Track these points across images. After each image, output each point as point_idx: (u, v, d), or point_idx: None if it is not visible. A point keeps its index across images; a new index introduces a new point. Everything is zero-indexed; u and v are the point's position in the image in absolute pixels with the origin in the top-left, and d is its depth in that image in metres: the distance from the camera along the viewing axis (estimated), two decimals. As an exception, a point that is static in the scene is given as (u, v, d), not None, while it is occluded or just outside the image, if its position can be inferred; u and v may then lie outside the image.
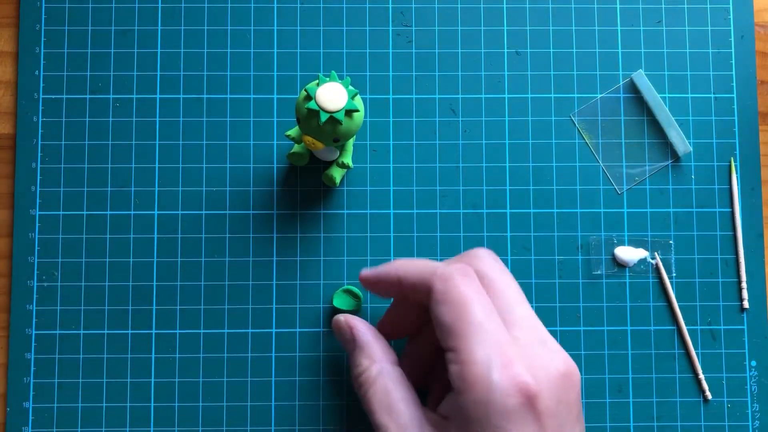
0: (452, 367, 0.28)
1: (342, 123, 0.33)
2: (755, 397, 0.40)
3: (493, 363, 0.27)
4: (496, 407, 0.26)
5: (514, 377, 0.27)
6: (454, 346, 0.28)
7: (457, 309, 0.28)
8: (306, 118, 0.34)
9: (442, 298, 0.29)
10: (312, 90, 0.33)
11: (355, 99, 0.34)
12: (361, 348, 0.33)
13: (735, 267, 0.41)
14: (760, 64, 0.42)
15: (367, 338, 0.33)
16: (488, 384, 0.26)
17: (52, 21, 0.41)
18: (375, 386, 0.31)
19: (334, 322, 0.35)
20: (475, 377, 0.27)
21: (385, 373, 0.31)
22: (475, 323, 0.28)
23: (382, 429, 0.30)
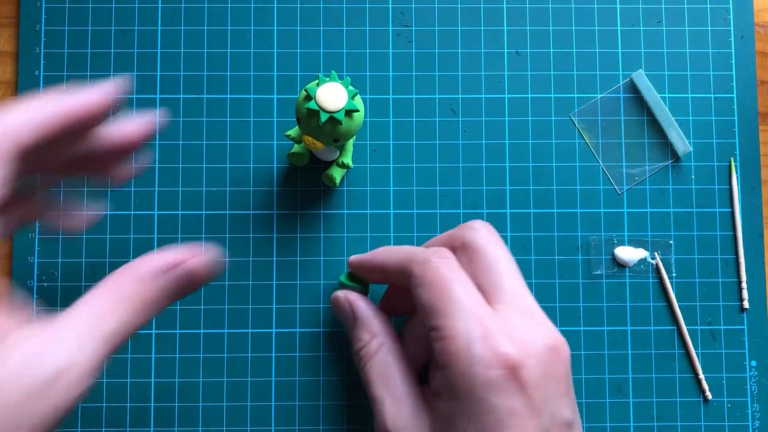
0: (435, 344, 0.28)
1: (342, 123, 0.33)
2: (755, 397, 0.40)
3: (473, 336, 0.27)
4: (479, 379, 0.26)
5: (494, 348, 0.27)
6: (436, 325, 0.28)
7: (435, 290, 0.29)
8: (306, 118, 0.34)
9: (421, 281, 0.30)
10: (312, 90, 0.33)
11: (355, 99, 0.34)
12: (362, 323, 0.34)
13: (735, 267, 0.41)
14: (760, 64, 0.42)
15: (368, 313, 0.34)
16: (469, 357, 0.27)
17: (52, 21, 0.41)
18: (374, 360, 0.32)
19: (333, 298, 0.36)
20: (456, 350, 0.27)
21: (385, 348, 0.32)
22: (454, 300, 0.28)
23: (378, 401, 0.30)
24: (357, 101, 0.34)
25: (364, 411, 0.39)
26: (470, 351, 0.27)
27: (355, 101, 0.34)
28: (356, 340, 0.33)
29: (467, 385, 0.27)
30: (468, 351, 0.27)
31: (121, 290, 0.24)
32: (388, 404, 0.30)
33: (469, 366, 0.27)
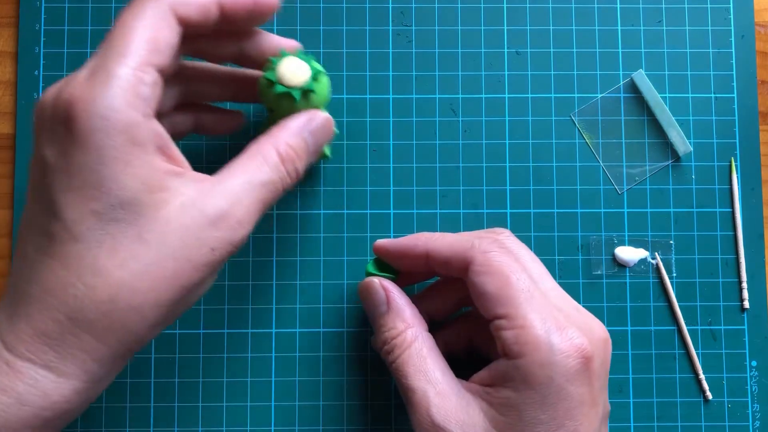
0: (505, 333, 0.28)
1: (297, 100, 0.32)
2: (756, 398, 0.40)
3: (549, 326, 0.28)
4: (559, 368, 0.27)
5: (571, 339, 0.28)
6: (504, 313, 0.28)
7: (501, 278, 0.29)
8: (265, 90, 0.33)
9: (485, 269, 0.29)
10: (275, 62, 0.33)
11: (319, 78, 0.33)
12: (396, 311, 0.32)
13: (735, 267, 0.41)
14: (760, 63, 0.42)
15: (402, 302, 0.33)
16: (549, 346, 0.27)
17: (52, 21, 0.41)
18: (410, 350, 0.31)
19: (366, 283, 0.34)
20: (536, 340, 0.27)
21: (421, 339, 0.31)
22: (523, 290, 0.29)
23: (419, 393, 0.29)
24: (320, 81, 0.33)
25: (364, 411, 0.39)
26: (549, 340, 0.27)
27: (317, 81, 0.33)
28: (388, 328, 0.32)
29: (546, 373, 0.27)
30: (547, 340, 0.27)
31: (268, 154, 0.28)
32: (432, 396, 0.29)
33: (549, 354, 0.27)
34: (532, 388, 0.27)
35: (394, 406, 0.39)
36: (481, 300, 0.29)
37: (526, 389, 0.27)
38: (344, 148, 0.41)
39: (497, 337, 0.29)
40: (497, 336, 0.29)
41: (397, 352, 0.31)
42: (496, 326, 0.29)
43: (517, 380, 0.27)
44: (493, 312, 0.29)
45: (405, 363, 0.30)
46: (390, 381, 0.40)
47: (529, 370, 0.27)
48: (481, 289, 0.29)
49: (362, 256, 0.40)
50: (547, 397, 0.27)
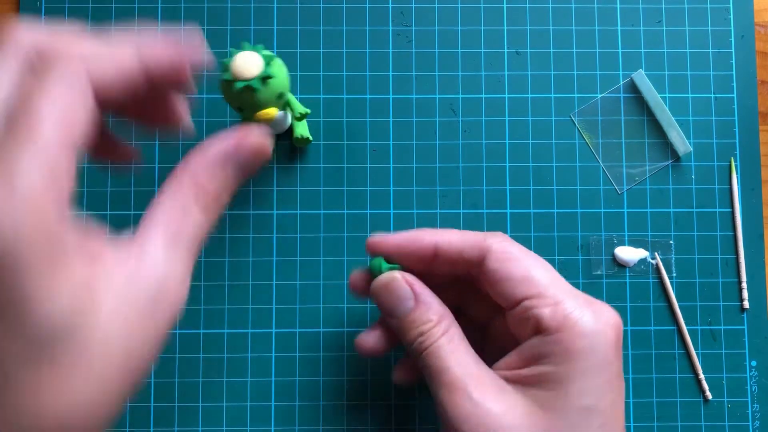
0: (541, 310, 0.28)
1: (258, 90, 0.33)
2: (755, 398, 0.40)
3: (581, 302, 0.29)
4: (600, 338, 0.28)
5: (603, 312, 0.29)
6: (536, 293, 0.29)
7: (524, 262, 0.30)
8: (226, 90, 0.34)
9: (506, 255, 0.30)
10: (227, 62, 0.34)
11: (272, 64, 0.34)
12: (426, 303, 0.31)
13: (735, 267, 0.41)
14: (760, 64, 0.42)
15: (430, 293, 0.31)
16: (589, 317, 0.28)
17: (52, 21, 0.41)
18: (444, 338, 0.30)
19: (387, 279, 0.32)
20: (573, 313, 0.28)
21: (453, 327, 0.31)
22: (548, 270, 0.30)
23: (457, 378, 0.29)
24: (274, 65, 0.34)
25: (364, 411, 0.39)
26: (587, 313, 0.28)
27: (271, 66, 0.34)
28: (421, 322, 0.30)
29: (588, 343, 0.27)
30: (585, 312, 0.28)
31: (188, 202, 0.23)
32: (471, 380, 0.28)
33: (590, 325, 0.28)
34: (575, 359, 0.27)
35: (395, 406, 0.39)
36: (506, 284, 0.30)
37: (569, 361, 0.27)
38: (344, 148, 0.41)
39: (528, 317, 0.29)
40: (529, 316, 0.29)
41: (430, 341, 0.30)
42: (527, 306, 0.29)
43: (558, 354, 0.28)
44: (522, 294, 0.29)
45: (440, 350, 0.29)
46: (390, 381, 0.40)
47: (571, 341, 0.28)
48: (506, 274, 0.30)
49: (362, 256, 0.40)
50: (590, 367, 0.27)
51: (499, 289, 0.30)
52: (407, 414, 0.40)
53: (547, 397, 0.27)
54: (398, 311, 0.31)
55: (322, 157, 0.41)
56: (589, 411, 0.27)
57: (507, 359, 0.30)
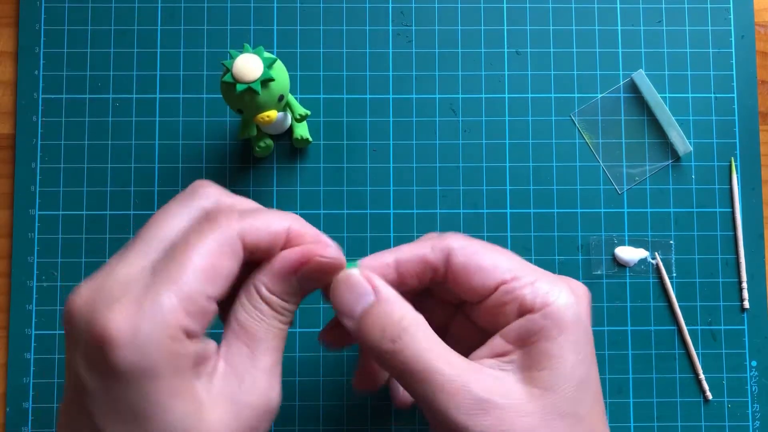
0: (522, 291, 0.28)
1: (259, 93, 0.34)
2: (755, 398, 0.40)
3: (552, 278, 0.29)
4: (581, 308, 0.28)
5: (575, 286, 0.29)
6: (512, 277, 0.29)
7: (489, 253, 0.30)
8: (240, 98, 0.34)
9: (469, 249, 0.30)
10: (229, 64, 0.34)
11: (273, 67, 0.34)
12: (387, 298, 0.28)
13: (735, 267, 0.41)
14: (760, 63, 0.42)
15: (392, 291, 0.29)
16: (568, 292, 0.28)
17: (52, 21, 0.41)
18: (419, 331, 0.27)
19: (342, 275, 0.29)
20: (553, 288, 0.28)
21: (423, 324, 0.28)
22: (513, 256, 0.30)
23: (447, 373, 0.26)
24: (275, 67, 0.34)
25: (364, 411, 0.39)
26: (561, 288, 0.28)
27: (272, 69, 0.34)
28: (385, 314, 0.28)
29: (574, 313, 0.28)
30: (560, 288, 0.28)
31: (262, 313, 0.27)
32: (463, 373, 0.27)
33: (571, 297, 0.28)
34: (566, 331, 0.27)
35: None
36: (477, 276, 0.29)
37: (561, 333, 0.27)
38: (344, 148, 0.41)
39: (508, 300, 0.29)
40: (509, 299, 0.29)
41: (405, 339, 0.27)
42: (505, 291, 0.29)
43: (549, 328, 0.27)
44: (496, 280, 0.29)
45: (418, 346, 0.27)
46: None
47: (559, 314, 0.28)
48: (475, 265, 0.29)
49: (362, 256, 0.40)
50: (579, 336, 0.28)
51: (471, 282, 0.29)
52: (407, 414, 0.39)
53: (543, 375, 0.27)
54: (357, 310, 0.28)
55: (322, 157, 0.41)
56: (582, 382, 0.27)
57: (491, 345, 0.29)
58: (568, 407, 0.27)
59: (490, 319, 0.30)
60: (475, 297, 0.30)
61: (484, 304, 0.30)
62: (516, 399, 0.26)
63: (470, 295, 0.30)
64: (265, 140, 0.39)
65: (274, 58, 0.35)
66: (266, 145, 0.39)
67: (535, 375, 0.27)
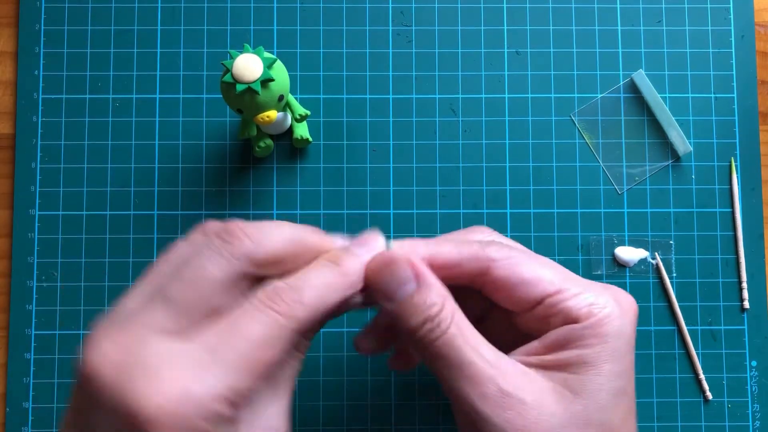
0: (567, 303, 0.28)
1: (259, 93, 0.34)
2: (756, 398, 0.40)
3: (597, 289, 0.29)
4: (626, 320, 0.28)
5: (620, 295, 0.29)
6: (556, 290, 0.28)
7: (531, 264, 0.29)
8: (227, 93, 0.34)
9: (511, 261, 0.29)
10: (229, 64, 0.34)
11: (273, 67, 0.34)
12: (429, 285, 0.28)
13: (735, 267, 0.41)
14: (760, 63, 0.42)
15: (432, 277, 0.28)
16: (613, 304, 0.28)
17: (52, 21, 0.41)
18: (456, 323, 0.27)
19: (386, 257, 0.29)
20: (598, 299, 0.28)
21: (459, 314, 0.28)
22: (554, 266, 0.30)
23: (479, 365, 0.27)
24: (275, 68, 0.35)
25: (364, 411, 0.39)
26: (607, 299, 0.28)
27: (272, 69, 0.34)
28: (427, 305, 0.27)
29: (617, 325, 0.28)
30: (606, 299, 0.28)
31: None
32: (494, 366, 0.27)
33: (616, 308, 0.28)
34: (606, 341, 0.27)
35: (394, 406, 0.39)
36: (520, 289, 0.29)
37: (601, 343, 0.27)
38: (344, 148, 0.41)
39: (553, 313, 0.28)
40: (554, 312, 0.28)
41: (443, 327, 0.27)
42: (551, 304, 0.28)
43: (588, 338, 0.27)
44: (540, 294, 0.29)
45: (454, 337, 0.27)
46: (390, 381, 0.40)
47: (602, 325, 0.27)
48: (518, 279, 0.29)
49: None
50: (620, 348, 0.27)
51: (514, 295, 0.29)
52: (407, 414, 0.39)
53: (577, 380, 0.27)
54: (398, 295, 0.28)
55: (322, 157, 0.41)
56: (619, 393, 0.27)
57: (527, 347, 0.29)
58: (599, 416, 0.26)
59: (535, 328, 0.29)
60: (517, 308, 0.30)
61: (529, 314, 0.29)
62: (542, 398, 0.26)
63: (512, 306, 0.30)
64: (265, 140, 0.39)
65: (274, 58, 0.35)
66: (266, 145, 0.39)
67: (568, 378, 0.27)
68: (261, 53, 0.34)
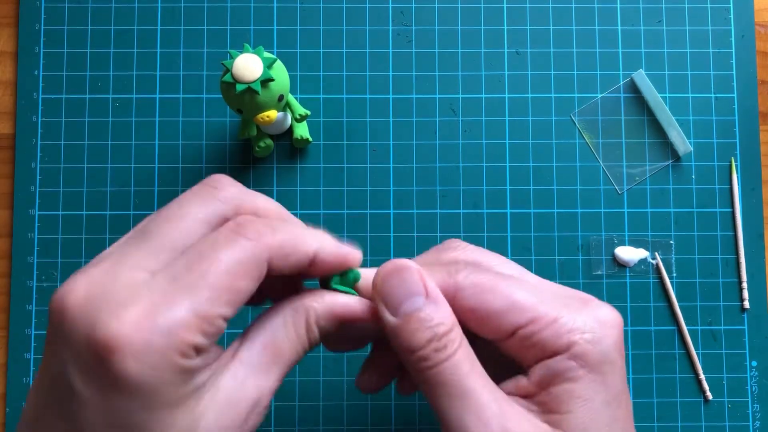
0: (542, 333, 0.26)
1: (259, 93, 0.34)
2: (756, 398, 0.40)
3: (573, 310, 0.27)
4: (608, 341, 0.26)
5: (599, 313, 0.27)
6: (529, 319, 0.26)
7: (501, 291, 0.27)
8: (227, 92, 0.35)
9: (478, 289, 0.27)
10: (229, 64, 0.34)
11: (273, 67, 0.34)
12: (439, 302, 0.27)
13: (735, 267, 0.41)
14: (760, 63, 0.42)
15: (443, 298, 0.27)
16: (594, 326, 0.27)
17: (52, 21, 0.41)
18: (463, 349, 0.26)
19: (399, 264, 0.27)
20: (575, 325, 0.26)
21: (466, 343, 0.27)
22: (527, 291, 0.27)
23: (485, 397, 0.25)
24: (275, 68, 0.35)
25: (364, 411, 0.39)
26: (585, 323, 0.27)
27: (272, 69, 0.34)
28: (436, 322, 0.26)
29: (600, 350, 0.26)
30: (584, 323, 0.27)
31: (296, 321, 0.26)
32: (499, 401, 0.26)
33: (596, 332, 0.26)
34: (593, 371, 0.26)
35: (394, 406, 0.39)
36: (490, 321, 0.27)
37: (588, 374, 0.26)
38: (344, 148, 0.41)
39: (530, 345, 0.27)
40: (530, 344, 0.27)
41: (449, 351, 0.26)
42: (525, 334, 0.27)
43: (574, 369, 0.26)
44: (512, 325, 0.27)
45: (460, 363, 0.26)
46: (390, 381, 0.40)
47: (585, 354, 0.26)
48: (485, 311, 0.27)
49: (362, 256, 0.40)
50: (607, 374, 0.26)
51: (484, 327, 0.27)
52: (408, 414, 0.39)
53: (570, 420, 0.26)
54: (405, 307, 0.26)
55: (322, 157, 0.41)
56: (612, 420, 0.26)
57: (516, 383, 0.28)
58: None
59: (514, 354, 0.28)
60: (491, 338, 0.28)
61: (504, 344, 0.28)
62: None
63: (487, 335, 0.28)
64: (265, 140, 0.39)
65: (274, 58, 0.35)
66: (266, 145, 0.39)
67: (562, 419, 0.26)
68: (261, 53, 0.34)
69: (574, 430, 0.26)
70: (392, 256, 0.40)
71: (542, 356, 0.27)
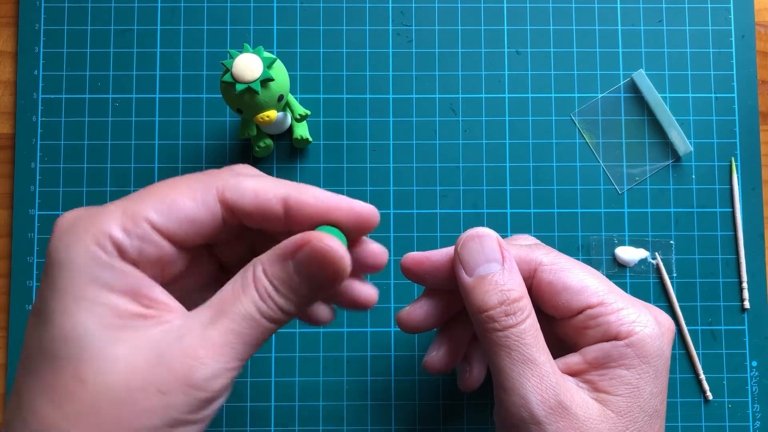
0: (608, 317, 0.28)
1: (259, 93, 0.34)
2: (756, 398, 0.40)
3: (639, 306, 0.29)
4: (665, 340, 0.29)
5: (660, 315, 0.30)
6: (598, 301, 0.29)
7: (576, 273, 0.29)
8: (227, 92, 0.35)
9: (557, 267, 0.29)
10: (229, 64, 0.34)
11: (273, 66, 0.34)
12: (514, 272, 0.28)
13: (736, 267, 0.41)
14: (760, 63, 0.42)
15: (516, 267, 0.29)
16: (654, 324, 0.28)
17: (52, 21, 0.41)
18: (531, 319, 0.28)
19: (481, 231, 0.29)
20: (640, 317, 0.28)
21: (534, 316, 0.28)
22: (600, 277, 0.30)
23: (545, 367, 0.27)
24: (275, 67, 0.35)
25: (364, 411, 0.39)
26: (648, 319, 0.28)
27: (272, 69, 0.34)
28: (509, 288, 0.28)
29: (658, 346, 0.28)
30: (647, 319, 0.28)
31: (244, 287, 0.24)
32: (556, 372, 0.27)
33: (657, 328, 0.28)
34: (647, 362, 0.28)
35: (394, 406, 0.39)
36: (563, 296, 0.29)
37: (641, 364, 0.28)
38: (344, 148, 0.41)
39: (592, 325, 0.29)
40: (593, 324, 0.29)
41: (518, 317, 0.27)
42: (591, 315, 0.29)
43: (631, 357, 0.28)
44: (582, 303, 0.29)
45: (526, 332, 0.27)
46: (390, 381, 0.40)
47: (643, 345, 0.28)
48: (562, 285, 0.29)
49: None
50: (658, 368, 0.28)
51: (556, 301, 0.29)
52: (408, 414, 0.39)
53: (620, 402, 0.27)
54: (481, 269, 0.28)
55: (322, 157, 0.41)
56: (654, 414, 0.28)
57: (567, 360, 0.29)
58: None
59: (571, 335, 0.30)
60: (558, 315, 0.30)
61: (568, 322, 0.30)
62: (591, 415, 0.27)
63: (554, 312, 0.30)
64: (265, 140, 0.39)
65: (274, 58, 0.35)
66: (266, 145, 0.39)
67: (611, 399, 0.28)
68: (261, 53, 0.34)
69: (621, 413, 0.27)
70: (392, 256, 0.40)
71: (601, 339, 0.28)
